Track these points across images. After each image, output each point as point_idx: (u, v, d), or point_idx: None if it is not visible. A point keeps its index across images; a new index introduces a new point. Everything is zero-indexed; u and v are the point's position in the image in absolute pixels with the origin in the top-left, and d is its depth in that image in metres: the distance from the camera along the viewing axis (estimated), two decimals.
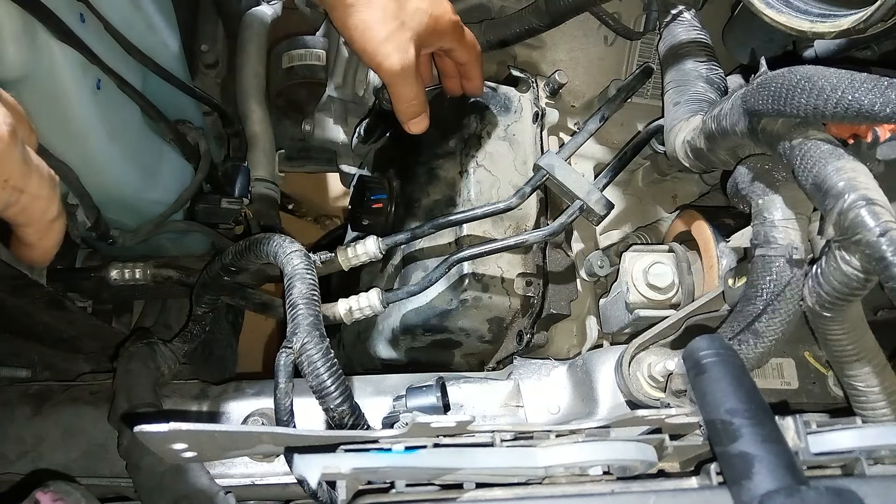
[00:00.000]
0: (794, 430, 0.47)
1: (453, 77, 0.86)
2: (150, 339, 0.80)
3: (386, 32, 0.73)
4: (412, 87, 0.77)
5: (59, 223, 0.56)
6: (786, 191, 0.64)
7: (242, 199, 0.99)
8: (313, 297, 0.62)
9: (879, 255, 0.49)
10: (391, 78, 0.75)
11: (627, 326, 0.82)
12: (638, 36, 0.95)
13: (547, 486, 0.46)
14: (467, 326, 0.84)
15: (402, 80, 0.75)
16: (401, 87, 0.77)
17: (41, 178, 0.52)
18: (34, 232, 0.55)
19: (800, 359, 0.74)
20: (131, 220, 0.86)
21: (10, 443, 0.73)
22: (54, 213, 0.55)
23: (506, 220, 0.85)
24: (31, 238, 0.55)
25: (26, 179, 0.51)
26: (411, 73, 0.75)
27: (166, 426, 0.42)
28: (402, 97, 0.78)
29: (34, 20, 0.61)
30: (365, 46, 0.74)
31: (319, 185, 1.84)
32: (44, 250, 0.57)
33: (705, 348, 0.51)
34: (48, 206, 0.54)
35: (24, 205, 0.51)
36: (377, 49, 0.73)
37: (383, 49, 0.73)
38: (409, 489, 0.44)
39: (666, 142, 0.81)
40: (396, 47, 0.73)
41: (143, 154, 0.83)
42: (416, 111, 0.80)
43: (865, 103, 0.51)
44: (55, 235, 0.57)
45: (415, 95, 0.78)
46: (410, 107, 0.79)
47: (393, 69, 0.74)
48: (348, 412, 0.57)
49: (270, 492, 0.73)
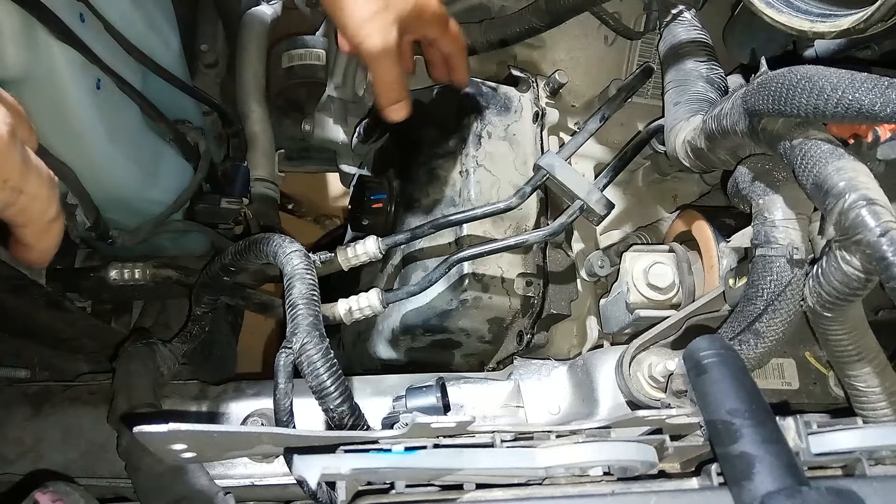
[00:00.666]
0: (794, 431, 0.47)
1: (440, 66, 0.86)
2: (149, 339, 0.80)
3: (369, 12, 0.72)
4: (392, 70, 0.76)
5: (58, 224, 0.56)
6: (786, 191, 0.64)
7: (242, 199, 0.99)
8: (313, 297, 0.62)
9: (880, 255, 0.49)
10: (371, 58, 0.75)
11: (628, 327, 0.82)
12: (638, 36, 0.95)
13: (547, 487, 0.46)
14: (467, 326, 0.84)
15: (383, 61, 0.75)
16: (381, 68, 0.76)
17: (40, 178, 0.52)
18: (32, 233, 0.54)
19: (800, 359, 0.74)
20: (131, 220, 0.86)
21: (9, 443, 0.73)
22: (53, 213, 0.55)
23: (506, 220, 0.85)
24: (30, 239, 0.55)
25: (25, 180, 0.50)
26: (392, 55, 0.74)
27: (165, 427, 0.42)
28: (382, 79, 0.77)
29: (34, 20, 0.61)
30: (347, 23, 0.73)
31: (319, 185, 1.84)
32: (42, 251, 0.57)
33: (706, 348, 0.51)
34: (47, 206, 0.54)
35: (22, 205, 0.51)
36: (359, 27, 0.73)
37: (365, 28, 0.73)
38: (409, 490, 0.44)
39: (666, 141, 0.81)
40: (379, 28, 0.73)
41: (143, 154, 0.83)
42: (396, 96, 0.78)
43: (866, 103, 0.51)
44: (53, 236, 0.57)
45: (395, 79, 0.77)
46: (390, 90, 0.77)
47: (374, 49, 0.73)
48: (348, 413, 0.57)
49: (270, 492, 0.73)
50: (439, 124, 0.91)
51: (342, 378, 0.58)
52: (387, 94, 0.78)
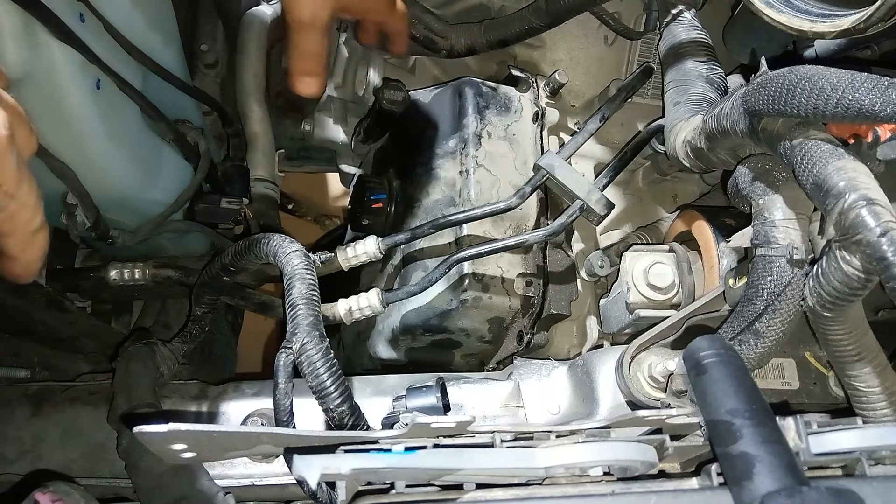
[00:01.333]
0: (794, 431, 0.46)
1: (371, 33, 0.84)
2: (149, 339, 0.80)
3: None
4: (314, 43, 0.74)
5: (42, 235, 0.54)
6: (786, 191, 0.64)
7: (242, 199, 0.99)
8: (313, 297, 0.62)
9: (880, 255, 0.49)
10: (296, 26, 0.73)
11: (628, 327, 0.82)
12: (638, 36, 0.95)
13: (547, 487, 0.46)
14: (467, 326, 0.84)
15: (307, 31, 0.73)
16: (302, 38, 0.74)
17: (31, 185, 0.51)
18: (17, 243, 0.53)
19: (801, 359, 0.74)
20: (131, 220, 0.86)
21: (9, 443, 0.73)
22: (38, 223, 0.53)
23: (506, 220, 0.85)
24: (14, 249, 0.53)
25: (18, 186, 0.49)
26: (318, 28, 0.73)
27: (165, 427, 0.42)
28: (301, 49, 0.75)
29: (34, 20, 0.61)
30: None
31: (319, 185, 1.84)
32: (26, 263, 0.55)
33: (706, 348, 0.51)
34: (33, 215, 0.52)
35: (10, 212, 0.50)
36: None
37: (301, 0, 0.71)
38: (408, 490, 0.44)
39: (666, 141, 0.81)
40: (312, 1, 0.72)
41: (143, 154, 0.83)
42: (310, 68, 0.76)
43: (866, 103, 0.51)
44: (38, 248, 0.55)
45: (315, 52, 0.75)
46: (305, 62, 0.76)
47: (301, 17, 0.72)
48: (348, 412, 0.57)
49: (270, 492, 0.73)
50: (439, 124, 0.91)
51: (342, 378, 0.58)
52: (301, 64, 0.76)
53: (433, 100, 0.93)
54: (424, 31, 0.91)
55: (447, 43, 0.92)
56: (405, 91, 0.88)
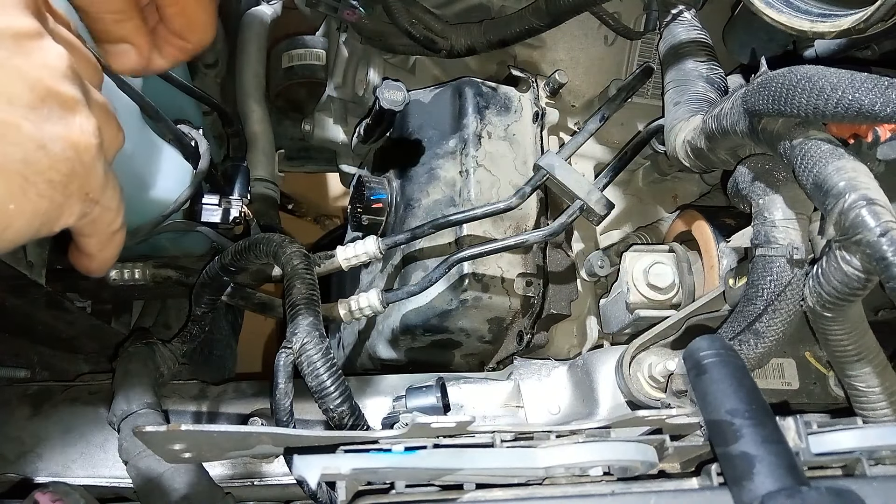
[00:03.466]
0: (794, 431, 0.46)
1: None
2: (149, 339, 0.80)
3: None
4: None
5: (121, 234, 0.54)
6: (786, 191, 0.64)
7: (242, 198, 0.99)
8: (313, 297, 0.62)
9: (880, 255, 0.49)
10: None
11: (628, 327, 0.82)
12: (638, 36, 0.94)
13: (547, 487, 0.46)
14: (467, 326, 0.84)
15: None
16: None
17: (114, 189, 0.51)
18: (96, 243, 0.53)
19: (800, 359, 0.74)
20: (130, 220, 0.86)
21: (9, 443, 0.73)
22: (118, 224, 0.53)
23: (506, 220, 0.85)
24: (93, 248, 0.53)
25: (103, 191, 0.49)
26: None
27: (165, 427, 0.42)
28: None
29: None
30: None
31: (319, 185, 1.84)
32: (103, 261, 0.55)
33: (706, 348, 0.51)
34: (115, 217, 0.52)
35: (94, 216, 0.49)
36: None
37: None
38: (409, 490, 0.44)
39: (666, 141, 0.81)
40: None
41: (143, 154, 0.83)
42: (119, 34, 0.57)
43: (866, 103, 0.51)
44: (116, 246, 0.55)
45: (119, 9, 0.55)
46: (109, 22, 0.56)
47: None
48: (348, 412, 0.57)
49: (270, 492, 0.73)
50: (439, 124, 0.91)
51: (342, 378, 0.58)
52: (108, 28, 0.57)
53: (433, 100, 0.93)
54: (424, 31, 0.91)
55: (447, 43, 0.92)
56: (405, 91, 0.88)
